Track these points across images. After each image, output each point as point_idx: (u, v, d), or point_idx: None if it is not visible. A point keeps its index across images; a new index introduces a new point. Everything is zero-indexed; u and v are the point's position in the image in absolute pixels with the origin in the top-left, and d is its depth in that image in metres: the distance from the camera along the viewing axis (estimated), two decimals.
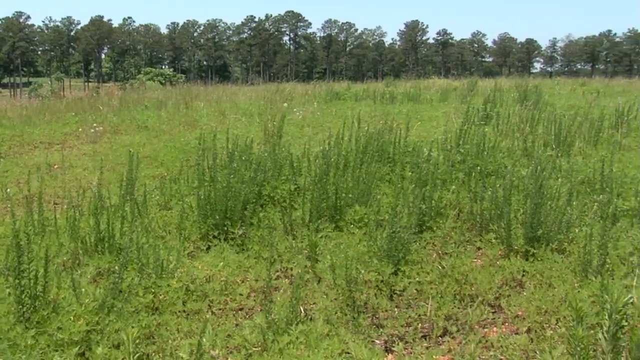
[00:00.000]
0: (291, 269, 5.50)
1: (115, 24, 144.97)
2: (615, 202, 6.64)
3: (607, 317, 3.41)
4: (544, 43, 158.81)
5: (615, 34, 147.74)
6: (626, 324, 3.87)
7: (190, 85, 27.29)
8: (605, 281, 4.53)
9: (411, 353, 4.13)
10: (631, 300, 3.74)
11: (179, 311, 4.62)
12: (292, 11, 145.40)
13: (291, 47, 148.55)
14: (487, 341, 4.27)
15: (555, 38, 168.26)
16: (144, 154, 10.41)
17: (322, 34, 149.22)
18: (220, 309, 4.78)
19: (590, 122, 11.69)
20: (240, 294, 4.96)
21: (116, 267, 4.62)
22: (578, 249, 5.28)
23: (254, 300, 4.94)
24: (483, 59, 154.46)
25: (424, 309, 4.64)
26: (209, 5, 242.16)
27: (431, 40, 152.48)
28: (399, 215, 5.32)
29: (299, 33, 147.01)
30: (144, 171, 9.13)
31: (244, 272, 5.36)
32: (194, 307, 4.68)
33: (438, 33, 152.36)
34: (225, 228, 6.17)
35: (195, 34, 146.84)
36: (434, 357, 3.96)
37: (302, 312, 4.54)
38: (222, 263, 5.40)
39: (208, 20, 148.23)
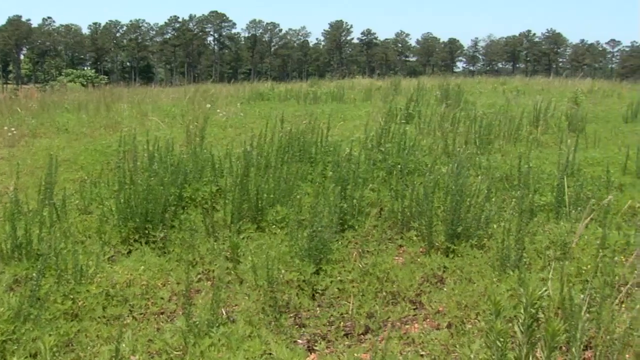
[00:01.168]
0: (213, 271, 5.45)
1: (35, 24, 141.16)
2: (533, 197, 6.79)
3: (522, 310, 3.47)
4: (466, 43, 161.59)
5: (534, 34, 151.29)
6: (542, 316, 3.97)
7: (112, 87, 26.82)
8: (523, 275, 4.64)
9: (333, 352, 4.14)
10: (546, 293, 3.83)
11: (99, 317, 4.53)
12: (217, 11, 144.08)
13: (216, 47, 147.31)
14: (408, 337, 4.32)
15: (477, 38, 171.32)
16: (63, 158, 10.17)
17: (246, 34, 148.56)
18: (141, 314, 4.71)
19: (509, 120, 11.95)
20: (162, 298, 4.90)
21: (34, 274, 4.50)
22: (497, 244, 5.37)
23: (176, 303, 4.88)
24: (407, 59, 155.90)
25: (345, 308, 4.66)
26: (132, 6, 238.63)
27: (355, 40, 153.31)
28: (319, 215, 5.33)
29: (224, 33, 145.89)
30: (63, 175, 8.92)
31: (166, 276, 5.29)
32: (114, 313, 4.60)
33: (362, 33, 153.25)
34: (146, 231, 6.08)
35: (118, 35, 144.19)
36: (355, 355, 3.98)
37: (224, 314, 4.51)
38: (143, 267, 5.32)
39: (131, 21, 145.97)
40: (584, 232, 5.77)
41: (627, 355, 3.90)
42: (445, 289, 4.95)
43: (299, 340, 4.33)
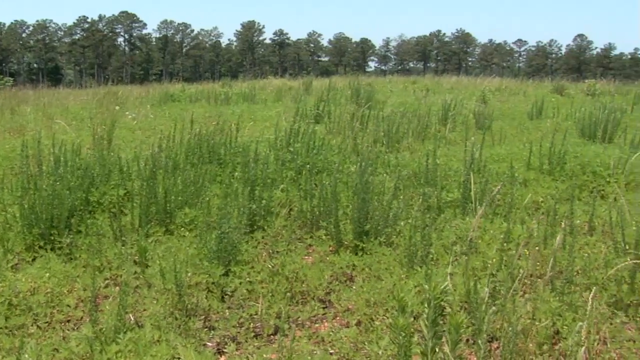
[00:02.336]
0: (121, 276, 5.36)
1: None
2: (440, 194, 6.92)
3: (427, 305, 3.53)
4: (377, 42, 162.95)
5: (444, 34, 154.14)
6: (449, 309, 4.05)
7: (18, 89, 26.08)
8: (430, 270, 4.73)
9: (243, 353, 4.14)
10: (448, 287, 3.90)
11: (1, 327, 4.41)
12: (127, 12, 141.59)
13: (126, 48, 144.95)
14: (317, 336, 4.35)
15: (389, 38, 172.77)
16: None
17: (158, 35, 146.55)
18: (46, 322, 4.59)
19: (418, 118, 12.13)
20: (68, 305, 4.79)
21: None
22: (404, 241, 5.45)
23: (82, 310, 4.78)
24: (319, 59, 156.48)
25: (255, 309, 4.65)
26: (38, 5, 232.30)
27: (268, 41, 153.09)
28: (227, 216, 5.31)
29: (134, 34, 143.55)
30: None
31: (72, 282, 5.17)
32: (17, 322, 4.47)
33: (275, 33, 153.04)
34: (52, 237, 5.93)
35: (24, 35, 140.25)
36: (264, 355, 3.98)
37: (132, 319, 4.45)
38: (48, 274, 5.18)
39: (37, 21, 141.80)
40: (489, 227, 5.91)
41: (530, 345, 4.02)
42: (354, 287, 5.00)
43: (208, 343, 4.31)
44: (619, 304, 4.63)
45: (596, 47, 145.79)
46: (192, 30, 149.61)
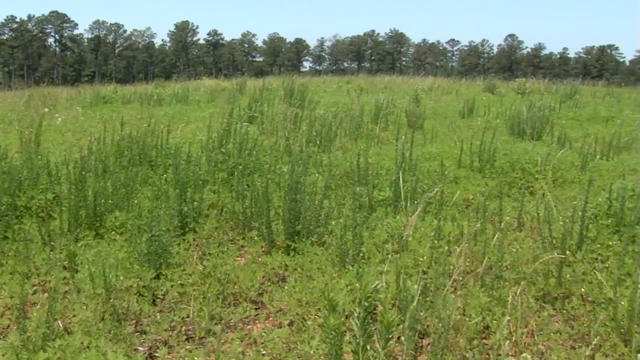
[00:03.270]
0: (49, 281, 5.26)
1: None
2: (372, 193, 6.97)
3: (357, 304, 3.55)
4: (312, 43, 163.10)
5: (378, 34, 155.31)
6: (382, 308, 4.08)
7: None
8: (361, 269, 4.76)
9: (174, 357, 4.11)
10: (379, 286, 3.94)
11: None
12: (57, 12, 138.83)
13: (57, 49, 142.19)
14: (250, 337, 4.33)
15: (323, 38, 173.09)
16: None
17: (89, 36, 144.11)
18: None
19: (351, 118, 12.20)
20: None
21: None
22: (336, 240, 5.47)
23: (9, 318, 4.67)
24: (254, 59, 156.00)
25: (186, 312, 4.62)
26: None
27: (202, 41, 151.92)
28: (158, 219, 5.26)
29: (65, 34, 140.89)
30: None
31: None
32: None
33: (209, 34, 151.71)
34: None
35: None
36: (196, 358, 3.96)
37: (60, 326, 4.37)
38: None
39: None
40: (420, 225, 5.98)
41: (460, 340, 4.08)
42: (286, 287, 5.01)
43: (139, 348, 4.26)
44: (547, 297, 4.74)
45: (527, 47, 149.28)
46: (125, 31, 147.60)
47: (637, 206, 5.71)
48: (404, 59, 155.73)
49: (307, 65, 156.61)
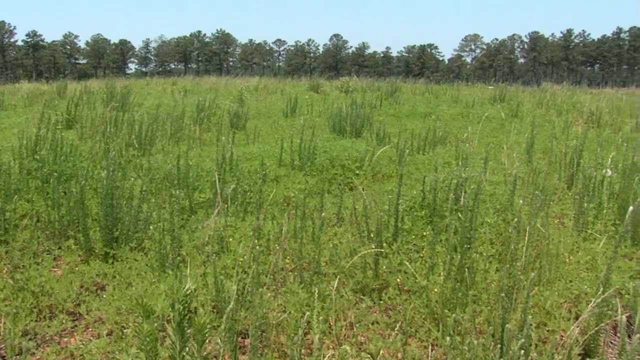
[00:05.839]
0: None
1: None
2: (192, 195, 6.94)
3: (172, 308, 3.52)
4: (137, 44, 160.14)
5: (204, 34, 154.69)
6: (202, 310, 4.07)
7: None
8: (181, 273, 4.72)
9: None
10: (190, 290, 3.92)
11: None
12: None
13: None
14: (67, 351, 4.20)
15: (149, 39, 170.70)
16: None
17: None
18: None
19: (173, 120, 12.07)
20: None
21: None
22: (155, 245, 5.41)
23: None
24: (77, 61, 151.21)
25: None
26: None
27: (20, 43, 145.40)
28: None
29: None
30: None
31: None
32: None
33: (27, 35, 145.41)
34: None
35: None
36: None
37: None
38: None
39: None
40: (240, 225, 6.01)
41: (281, 337, 4.13)
42: (105, 296, 4.89)
43: None
44: (365, 290, 4.89)
45: (351, 46, 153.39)
46: None
47: (448, 197, 6.00)
48: (231, 59, 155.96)
49: (132, 67, 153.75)
